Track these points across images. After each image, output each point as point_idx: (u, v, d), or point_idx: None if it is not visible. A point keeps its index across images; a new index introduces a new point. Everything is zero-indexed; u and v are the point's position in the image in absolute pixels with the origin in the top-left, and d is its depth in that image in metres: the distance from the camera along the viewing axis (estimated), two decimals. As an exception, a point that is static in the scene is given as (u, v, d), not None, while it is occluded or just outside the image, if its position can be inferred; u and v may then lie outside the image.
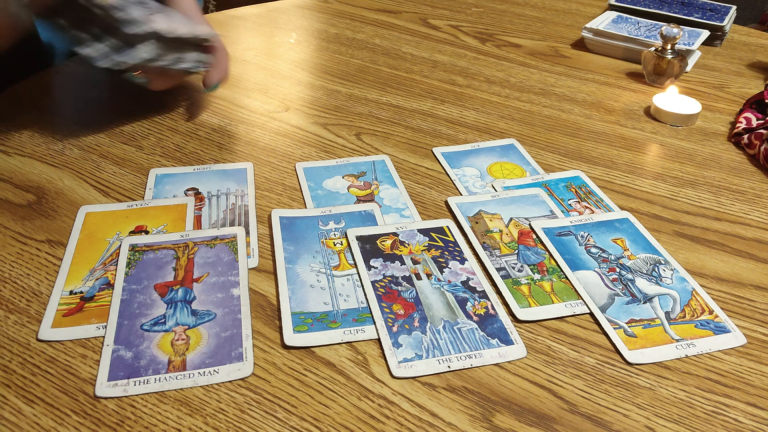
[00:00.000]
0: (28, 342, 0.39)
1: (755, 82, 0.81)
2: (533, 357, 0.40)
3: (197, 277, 0.44)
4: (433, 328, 0.41)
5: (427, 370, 0.38)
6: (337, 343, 0.40)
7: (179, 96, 0.68)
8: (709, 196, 0.57)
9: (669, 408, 0.37)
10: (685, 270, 0.47)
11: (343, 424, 0.35)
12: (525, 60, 0.84)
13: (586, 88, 0.77)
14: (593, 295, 0.44)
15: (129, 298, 0.42)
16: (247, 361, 0.38)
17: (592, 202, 0.55)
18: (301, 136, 0.63)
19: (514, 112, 0.70)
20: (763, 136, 0.62)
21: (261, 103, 0.68)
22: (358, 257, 0.46)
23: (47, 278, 0.43)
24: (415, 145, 0.62)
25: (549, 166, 0.60)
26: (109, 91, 0.69)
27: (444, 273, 0.46)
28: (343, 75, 0.76)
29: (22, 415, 0.34)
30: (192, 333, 0.40)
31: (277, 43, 0.85)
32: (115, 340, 0.39)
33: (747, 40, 0.95)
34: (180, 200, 0.52)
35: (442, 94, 0.73)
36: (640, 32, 0.85)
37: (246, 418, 0.35)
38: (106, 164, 0.56)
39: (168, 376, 0.37)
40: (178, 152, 0.59)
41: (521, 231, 0.50)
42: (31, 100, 0.66)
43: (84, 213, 0.49)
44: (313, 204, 0.53)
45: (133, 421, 0.34)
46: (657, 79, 0.77)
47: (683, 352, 0.40)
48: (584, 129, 0.67)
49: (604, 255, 0.48)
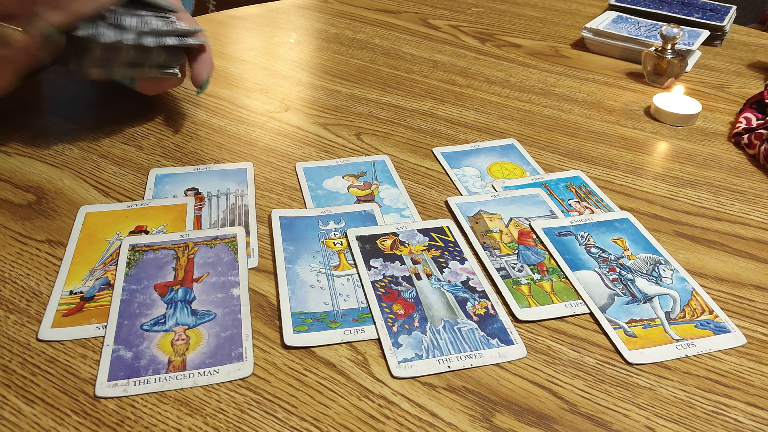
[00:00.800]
0: (28, 342, 0.39)
1: (755, 82, 0.81)
2: (533, 357, 0.40)
3: (197, 277, 0.44)
4: (433, 328, 0.41)
5: (427, 370, 0.38)
6: (337, 343, 0.40)
7: (179, 96, 0.68)
8: (709, 196, 0.57)
9: (669, 408, 0.37)
10: (685, 270, 0.47)
11: (343, 424, 0.35)
12: (525, 60, 0.84)
13: (586, 88, 0.77)
14: (593, 295, 0.44)
15: (129, 298, 0.42)
16: (247, 361, 0.38)
17: (592, 202, 0.55)
18: (301, 136, 0.63)
19: (514, 112, 0.70)
20: (763, 136, 0.62)
21: (261, 103, 0.68)
22: (358, 257, 0.46)
23: (47, 278, 0.43)
24: (415, 145, 0.62)
25: (549, 166, 0.60)
26: (109, 91, 0.69)
27: (444, 273, 0.46)
28: (343, 75, 0.76)
29: (22, 415, 0.34)
30: (192, 333, 0.40)
31: (277, 43, 0.85)
32: (115, 340, 0.39)
33: (747, 40, 0.95)
34: (180, 200, 0.52)
35: (442, 94, 0.73)
36: (640, 32, 0.85)
37: (246, 418, 0.35)
38: (106, 164, 0.56)
39: (168, 376, 0.37)
40: (178, 152, 0.59)
41: (521, 231, 0.50)
42: (31, 100, 0.66)
43: (84, 213, 0.49)
44: (313, 204, 0.53)
45: (133, 421, 0.34)
46: (657, 79, 0.77)
47: (683, 352, 0.40)
48: (584, 129, 0.67)
49: (604, 255, 0.48)
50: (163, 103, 0.66)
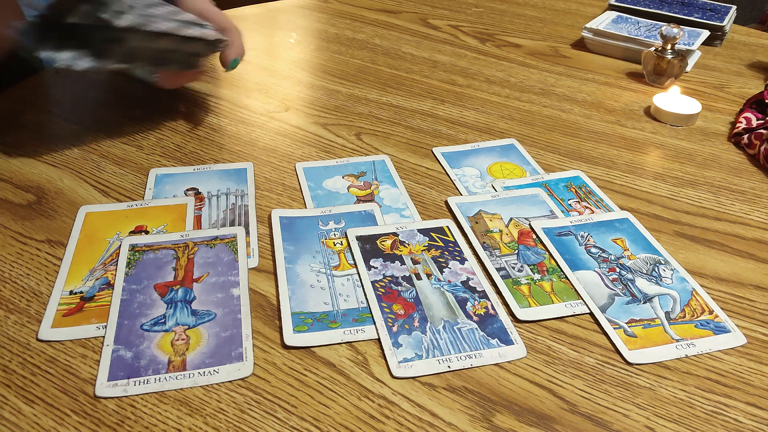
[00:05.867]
0: (28, 342, 0.39)
1: (755, 82, 0.81)
2: (533, 357, 0.40)
3: (197, 277, 0.44)
4: (433, 328, 0.41)
5: (427, 370, 0.38)
6: (337, 343, 0.40)
7: (179, 96, 0.68)
8: (709, 196, 0.57)
9: (669, 408, 0.37)
10: (685, 270, 0.47)
11: (343, 424, 0.35)
12: (525, 60, 0.84)
13: (586, 88, 0.77)
14: (593, 295, 0.44)
15: (129, 298, 0.42)
16: (247, 361, 0.38)
17: (592, 202, 0.55)
18: (301, 136, 0.63)
19: (514, 112, 0.70)
20: (763, 136, 0.62)
21: (261, 103, 0.68)
22: (358, 257, 0.46)
23: (47, 278, 0.43)
24: (415, 145, 0.62)
25: (549, 166, 0.60)
26: (109, 91, 0.69)
27: (444, 273, 0.46)
28: (343, 75, 0.76)
29: (22, 415, 0.34)
30: (192, 333, 0.40)
31: (277, 43, 0.85)
32: (115, 340, 0.39)
33: (747, 40, 0.95)
34: (180, 200, 0.52)
35: (442, 94, 0.73)
36: (640, 32, 0.85)
37: (246, 418, 0.35)
38: (106, 164, 0.56)
39: (168, 376, 0.37)
40: (178, 152, 0.59)
41: (521, 231, 0.50)
42: (31, 100, 0.66)
43: (84, 213, 0.49)
44: (313, 204, 0.53)
45: (133, 421, 0.34)
46: (657, 79, 0.77)
47: (683, 352, 0.40)
48: (584, 129, 0.67)
49: (604, 255, 0.48)
50: (164, 103, 0.66)
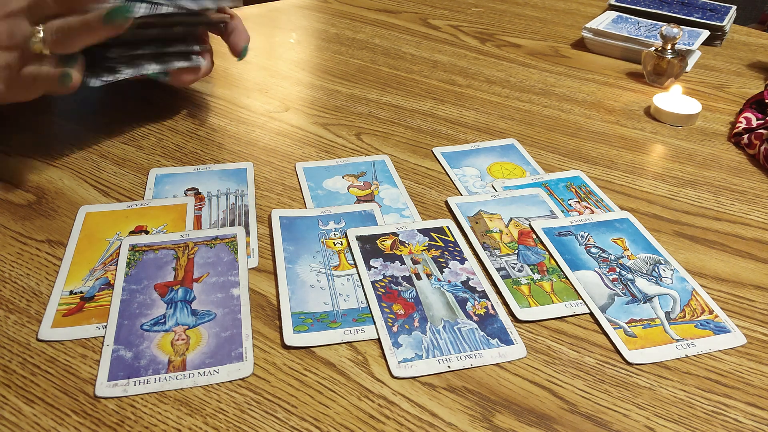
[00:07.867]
0: (28, 342, 0.39)
1: (755, 82, 0.81)
2: (533, 357, 0.40)
3: (197, 277, 0.44)
4: (433, 328, 0.41)
5: (427, 370, 0.38)
6: (337, 343, 0.40)
7: (179, 96, 0.68)
8: (709, 196, 0.57)
9: (669, 408, 0.37)
10: (685, 270, 0.47)
11: (343, 424, 0.35)
12: (525, 60, 0.84)
13: (586, 88, 0.77)
14: (593, 295, 0.44)
15: (129, 298, 0.42)
16: (247, 361, 0.38)
17: (592, 202, 0.55)
18: (301, 136, 0.63)
19: (514, 112, 0.70)
20: (763, 136, 0.62)
21: (261, 103, 0.68)
22: (358, 257, 0.46)
23: (47, 278, 0.43)
24: (415, 145, 0.62)
25: (549, 166, 0.60)
26: (109, 91, 0.69)
27: (444, 273, 0.46)
28: (343, 75, 0.76)
29: (22, 415, 0.34)
30: (192, 333, 0.40)
31: (277, 43, 0.85)
32: (115, 340, 0.39)
33: (747, 40, 0.95)
34: (180, 200, 0.52)
35: (442, 94, 0.73)
36: (640, 32, 0.85)
37: (246, 418, 0.35)
38: (106, 164, 0.56)
39: (168, 376, 0.37)
40: (178, 152, 0.59)
41: (521, 231, 0.50)
42: (31, 101, 0.66)
43: (84, 213, 0.49)
44: (313, 204, 0.53)
45: (133, 421, 0.34)
46: (657, 79, 0.77)
47: (683, 352, 0.40)
48: (584, 129, 0.67)
49: (604, 255, 0.48)
50: (163, 103, 0.66)
